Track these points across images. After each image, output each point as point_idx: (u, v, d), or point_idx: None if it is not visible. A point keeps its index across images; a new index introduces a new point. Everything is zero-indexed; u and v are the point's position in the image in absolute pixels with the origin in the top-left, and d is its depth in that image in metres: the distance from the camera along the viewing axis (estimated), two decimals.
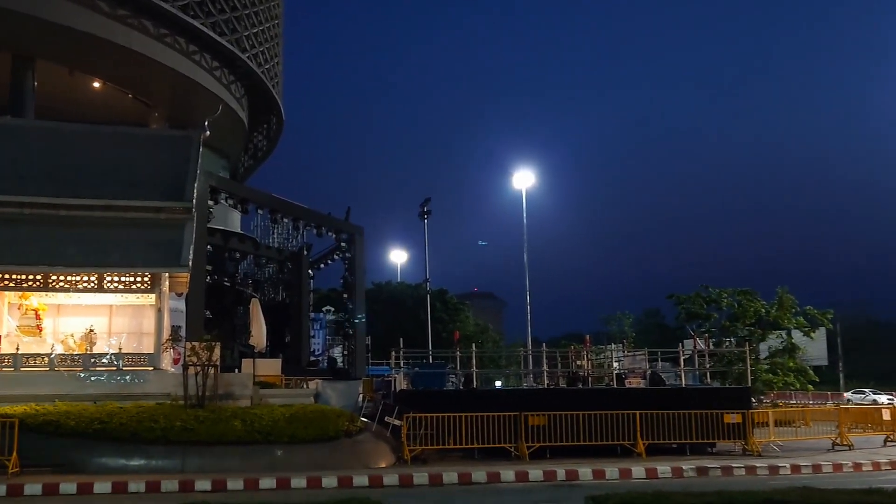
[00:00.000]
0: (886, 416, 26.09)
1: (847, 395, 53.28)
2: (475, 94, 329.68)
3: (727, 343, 35.75)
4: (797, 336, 38.05)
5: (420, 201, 50.30)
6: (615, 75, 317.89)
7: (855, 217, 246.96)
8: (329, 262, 42.50)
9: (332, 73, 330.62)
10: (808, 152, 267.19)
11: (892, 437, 25.26)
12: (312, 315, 44.54)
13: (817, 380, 39.92)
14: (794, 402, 47.78)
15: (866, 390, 60.70)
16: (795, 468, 19.84)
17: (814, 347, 42.50)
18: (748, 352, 28.83)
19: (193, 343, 20.90)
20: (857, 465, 20.23)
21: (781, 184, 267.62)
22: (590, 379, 28.11)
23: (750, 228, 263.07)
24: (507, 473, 18.65)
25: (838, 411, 26.49)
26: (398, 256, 72.63)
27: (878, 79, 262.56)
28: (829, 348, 57.68)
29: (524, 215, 53.44)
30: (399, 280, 73.61)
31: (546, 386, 27.20)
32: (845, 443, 23.93)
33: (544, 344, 35.25)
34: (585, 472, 18.81)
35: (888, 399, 56.17)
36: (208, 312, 31.58)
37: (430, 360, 33.62)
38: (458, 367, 27.53)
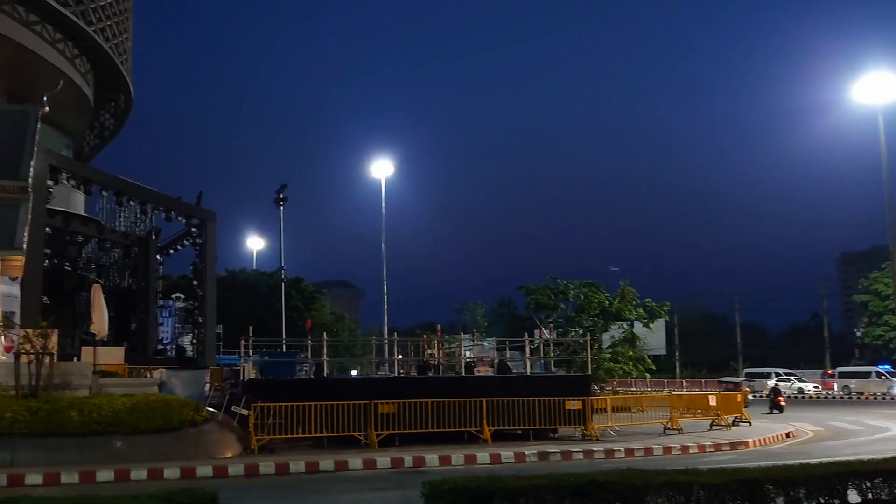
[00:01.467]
0: (713, 401, 27.97)
1: (770, 382, 56.39)
2: (335, 82, 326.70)
3: (573, 333, 37.18)
4: (638, 327, 40.08)
5: (277, 188, 49.43)
6: (472, 67, 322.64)
7: (692, 217, 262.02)
8: (179, 247, 41.10)
9: (189, 56, 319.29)
10: (655, 153, 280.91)
11: (717, 421, 27.12)
12: (161, 302, 42.99)
13: (654, 368, 42.24)
14: (634, 389, 50.38)
15: (792, 378, 64.26)
16: (629, 451, 21.00)
17: (653, 337, 44.97)
18: (589, 341, 30.14)
19: (27, 330, 19.82)
20: (685, 448, 21.60)
21: (630, 182, 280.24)
22: (440, 367, 28.62)
23: (599, 223, 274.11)
24: (355, 461, 18.79)
25: (670, 398, 28.18)
26: (254, 243, 71.14)
27: (724, 83, 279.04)
28: (666, 338, 60.99)
29: (383, 205, 53.67)
30: (254, 267, 72.20)
31: (397, 374, 27.48)
32: (676, 427, 25.47)
33: (396, 333, 35.59)
34: (432, 458, 19.19)
35: (814, 386, 60.37)
36: (46, 298, 29.91)
37: (284, 349, 33.24)
38: (310, 356, 27.39)
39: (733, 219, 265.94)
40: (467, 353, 30.82)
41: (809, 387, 60.25)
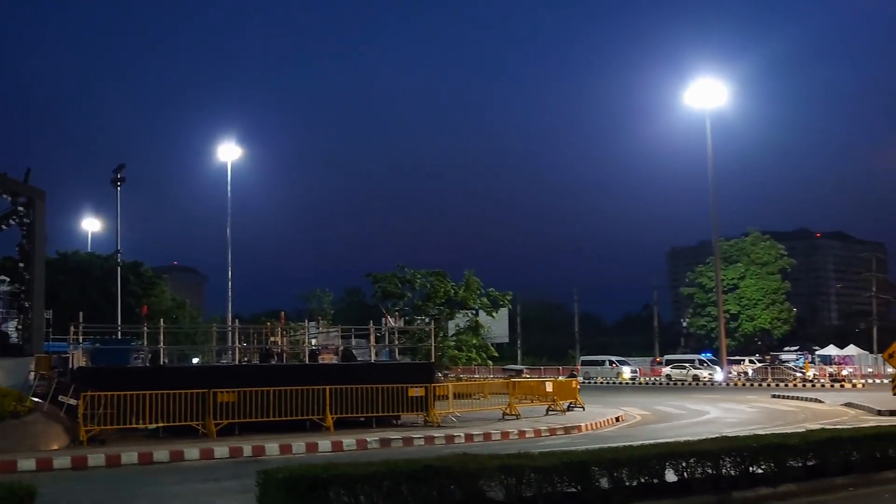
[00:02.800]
0: (549, 388, 29.06)
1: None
2: (178, 63, 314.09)
3: (419, 321, 37.59)
4: (482, 315, 40.96)
5: (115, 168, 46.99)
6: (320, 51, 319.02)
7: (535, 211, 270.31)
8: (3, 227, 38.37)
9: (23, 28, 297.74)
10: (501, 149, 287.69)
11: (553, 406, 28.19)
12: None
13: (497, 355, 43.36)
14: (478, 376, 51.55)
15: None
16: (469, 437, 21.50)
17: (496, 326, 46.10)
18: (433, 329, 30.59)
19: None
20: (522, 433, 22.35)
21: (478, 176, 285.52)
22: (284, 355, 28.25)
23: (447, 214, 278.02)
24: (192, 452, 18.28)
25: (509, 384, 29.06)
26: (90, 225, 67.52)
27: (568, 85, 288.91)
28: (509, 327, 62.69)
29: (229, 189, 52.28)
30: (89, 250, 68.44)
31: (238, 362, 26.90)
32: (514, 413, 26.28)
33: (238, 320, 34.82)
34: (272, 447, 18.96)
35: (631, 370, 63.92)
36: None
37: (119, 336, 31.76)
38: (147, 343, 26.34)
39: (574, 213, 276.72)
40: (312, 341, 30.57)
41: (626, 372, 63.73)
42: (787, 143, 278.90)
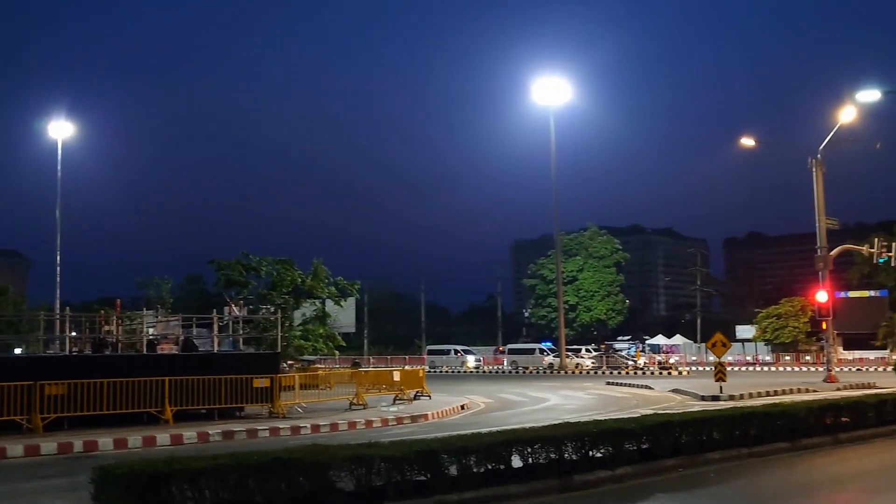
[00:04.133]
0: (397, 377, 29.17)
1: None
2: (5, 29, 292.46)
3: (264, 310, 36.73)
4: (329, 304, 40.51)
5: None
6: (158, 30, 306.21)
7: (384, 201, 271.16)
8: None
9: None
10: (347, 139, 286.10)
11: (400, 395, 28.32)
12: None
13: (344, 345, 43.05)
14: (324, 366, 51.07)
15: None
16: (315, 427, 21.23)
17: (343, 315, 45.80)
18: (279, 319, 30.01)
19: None
20: (369, 423, 22.29)
21: (327, 165, 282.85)
22: (119, 345, 26.89)
23: (295, 201, 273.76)
24: (15, 448, 17.05)
25: (356, 374, 28.95)
26: None
27: (411, 67, 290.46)
28: (356, 316, 62.56)
29: (59, 168, 49.23)
30: None
31: (69, 352, 25.38)
32: (361, 402, 26.19)
33: (69, 308, 32.88)
34: (106, 441, 18.02)
35: (475, 359, 64.59)
36: None
37: None
38: None
39: (422, 205, 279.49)
40: (150, 331, 29.27)
41: (471, 361, 65.12)
42: (624, 143, 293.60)
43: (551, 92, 60.14)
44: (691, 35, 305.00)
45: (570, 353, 63.16)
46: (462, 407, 27.54)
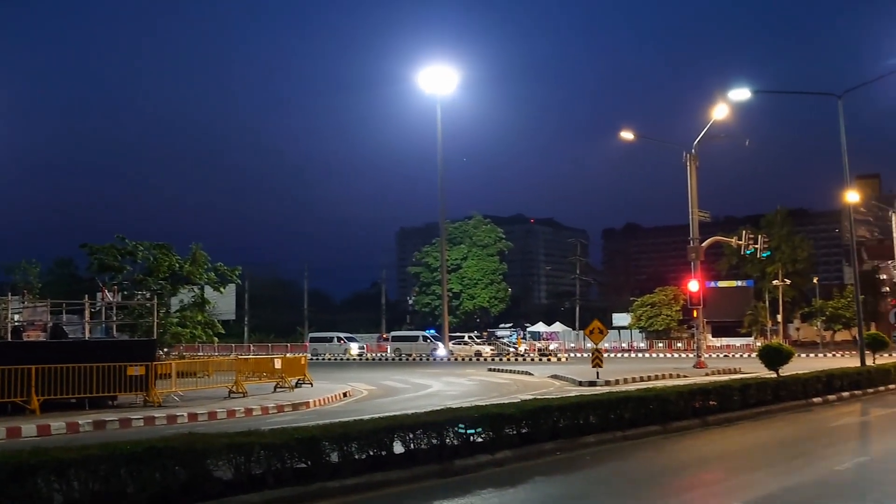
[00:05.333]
0: (278, 365, 28.74)
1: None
2: None
3: (140, 296, 35.48)
4: (208, 291, 39.48)
5: None
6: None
7: (267, 186, 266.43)
8: None
9: None
10: (233, 123, 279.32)
11: (280, 383, 27.93)
12: None
13: (224, 332, 42.07)
14: (202, 353, 49.88)
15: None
16: (192, 416, 20.69)
17: (223, 302, 44.67)
18: (156, 305, 29.07)
19: None
20: (249, 411, 21.88)
21: (208, 149, 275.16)
22: None
23: (173, 183, 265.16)
24: None
25: (236, 362, 28.37)
26: None
27: (297, 49, 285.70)
28: (237, 303, 61.24)
29: None
30: None
31: None
32: (241, 391, 25.68)
33: None
34: None
35: (359, 347, 64.05)
36: None
37: None
38: None
39: (307, 191, 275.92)
40: (15, 317, 27.82)
41: (354, 348, 64.96)
42: (510, 134, 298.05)
43: (439, 80, 60.33)
44: (581, 30, 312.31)
45: (469, 341, 63.88)
46: (345, 394, 27.42)
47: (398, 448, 11.70)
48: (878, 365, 28.77)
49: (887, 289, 69.65)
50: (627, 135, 46.34)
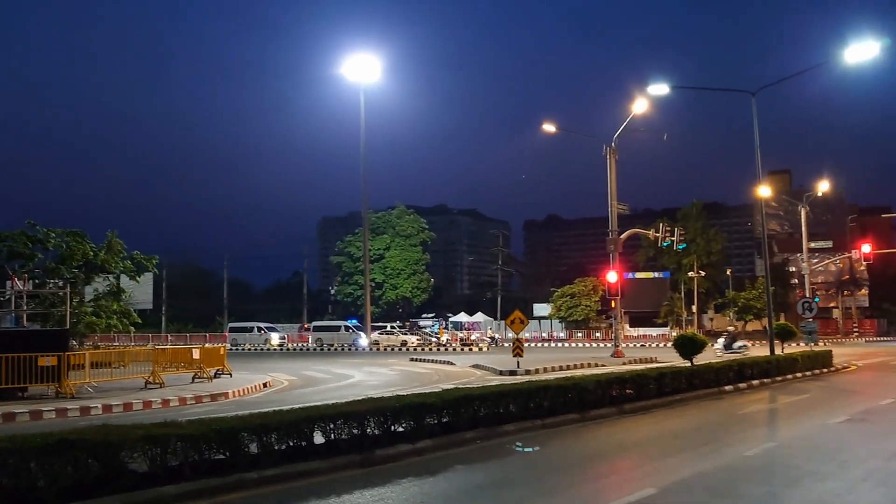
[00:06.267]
0: (196, 355, 28.24)
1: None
2: None
3: (52, 284, 34.37)
4: (124, 280, 38.50)
5: None
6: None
7: (187, 174, 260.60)
8: None
9: None
10: (153, 109, 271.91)
11: (199, 374, 27.48)
12: None
13: (141, 322, 41.09)
14: (118, 343, 48.62)
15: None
16: (107, 408, 20.20)
17: (140, 291, 43.64)
18: (69, 294, 28.21)
19: None
20: (166, 402, 21.47)
21: (127, 136, 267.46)
22: None
23: (88, 168, 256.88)
24: None
25: (153, 352, 27.76)
26: None
27: (218, 35, 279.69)
28: (154, 292, 59.88)
29: None
30: None
31: None
32: (158, 381, 25.15)
33: None
34: None
35: (280, 337, 62.31)
36: None
37: None
38: None
39: (227, 179, 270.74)
40: None
41: (275, 338, 64.26)
42: (433, 125, 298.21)
43: (362, 69, 59.97)
44: (504, 23, 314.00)
45: (394, 330, 63.73)
46: (265, 385, 27.13)
47: (319, 438, 11.66)
48: (786, 354, 29.93)
49: (796, 281, 72.50)
50: (550, 127, 46.90)
